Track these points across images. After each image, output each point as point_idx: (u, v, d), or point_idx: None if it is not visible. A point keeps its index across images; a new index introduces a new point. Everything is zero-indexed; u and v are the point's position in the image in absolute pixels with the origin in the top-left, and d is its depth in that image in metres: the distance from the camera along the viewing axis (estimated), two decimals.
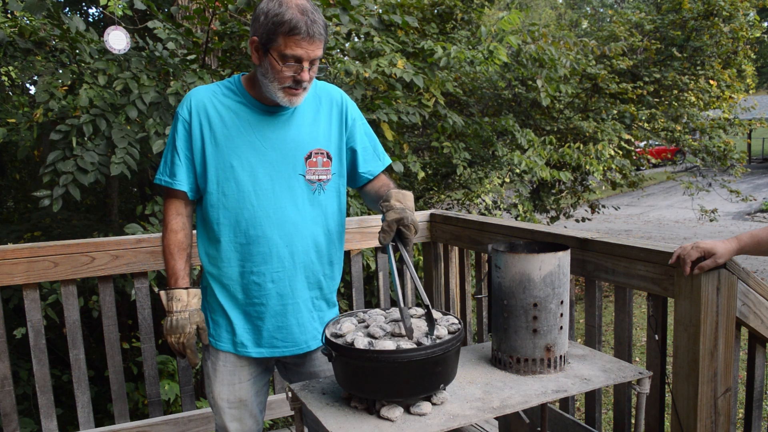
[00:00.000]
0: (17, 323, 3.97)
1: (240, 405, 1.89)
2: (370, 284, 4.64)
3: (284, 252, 1.77)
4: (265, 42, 1.63)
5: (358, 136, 1.90)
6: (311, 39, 1.61)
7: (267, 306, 1.80)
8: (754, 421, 2.11)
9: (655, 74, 7.93)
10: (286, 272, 1.79)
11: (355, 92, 4.16)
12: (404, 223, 1.61)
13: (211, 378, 1.88)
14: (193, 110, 1.75)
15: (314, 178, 1.80)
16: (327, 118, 1.84)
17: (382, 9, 4.64)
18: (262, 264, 1.77)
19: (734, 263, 1.85)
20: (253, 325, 1.83)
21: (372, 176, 1.93)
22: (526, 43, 5.34)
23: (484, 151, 5.92)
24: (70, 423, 4.26)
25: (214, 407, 1.91)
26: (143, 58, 3.78)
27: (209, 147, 1.75)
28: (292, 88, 1.67)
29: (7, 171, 6.64)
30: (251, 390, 1.90)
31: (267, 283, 1.78)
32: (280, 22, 1.59)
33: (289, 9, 1.59)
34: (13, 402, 2.42)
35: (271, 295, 1.79)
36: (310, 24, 1.60)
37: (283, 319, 1.82)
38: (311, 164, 1.79)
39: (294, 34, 1.59)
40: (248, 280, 1.78)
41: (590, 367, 1.80)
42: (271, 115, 1.77)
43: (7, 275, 2.34)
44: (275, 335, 1.83)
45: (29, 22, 3.89)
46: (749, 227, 13.11)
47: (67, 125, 3.44)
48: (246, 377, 1.88)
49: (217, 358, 1.87)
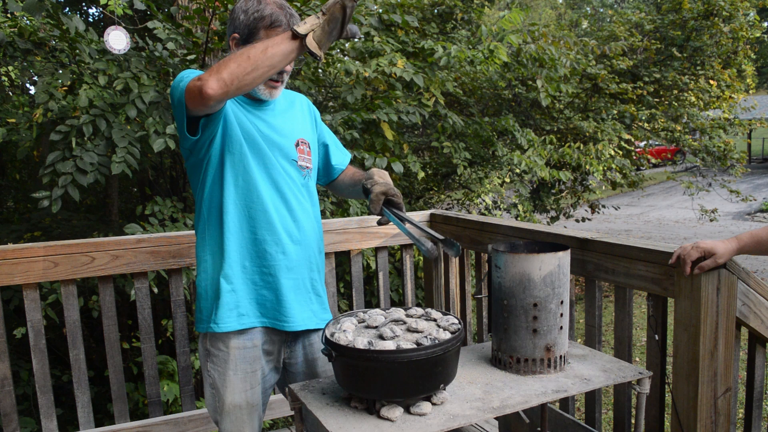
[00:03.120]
0: (17, 323, 3.97)
1: (252, 410, 1.87)
2: (370, 284, 4.64)
3: (292, 226, 1.84)
4: (247, 37, 1.72)
5: (326, 134, 2.07)
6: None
7: (276, 277, 1.82)
8: (754, 421, 2.11)
9: (655, 74, 7.93)
10: (294, 247, 1.84)
11: (355, 92, 4.16)
12: (391, 192, 1.78)
13: (221, 389, 1.84)
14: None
15: (304, 165, 1.89)
16: (300, 114, 1.97)
17: (382, 9, 4.64)
18: (275, 233, 1.81)
19: (734, 263, 1.85)
20: (258, 294, 1.83)
21: (343, 167, 2.09)
22: (526, 42, 5.34)
23: (484, 151, 5.92)
24: (70, 423, 4.26)
25: (225, 416, 1.85)
26: (143, 58, 3.78)
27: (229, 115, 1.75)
28: (272, 80, 1.77)
29: (7, 171, 6.64)
30: (260, 393, 1.89)
31: (279, 254, 1.81)
32: (261, 17, 1.70)
33: (268, 5, 1.72)
34: (13, 402, 2.42)
35: (281, 267, 1.82)
36: (289, 18, 1.72)
37: (287, 293, 1.84)
38: (300, 151, 1.89)
39: (275, 27, 1.70)
40: (261, 248, 1.80)
41: (590, 367, 1.80)
42: (255, 107, 1.84)
43: (7, 275, 2.33)
44: (278, 308, 1.84)
45: (29, 22, 3.89)
46: (749, 227, 13.11)
47: (67, 126, 3.44)
48: (257, 381, 1.87)
49: (226, 368, 1.82)
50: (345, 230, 2.91)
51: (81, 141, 3.48)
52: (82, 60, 3.82)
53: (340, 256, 3.67)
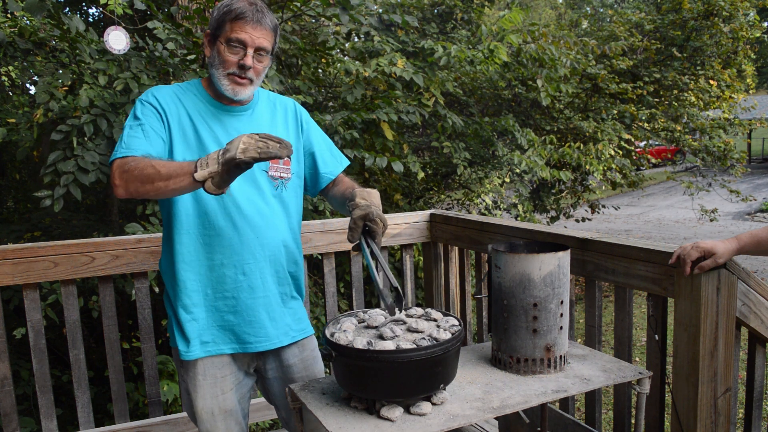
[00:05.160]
0: (17, 323, 3.96)
1: (226, 415, 1.85)
2: (370, 284, 4.64)
3: (254, 243, 1.78)
4: (214, 30, 1.72)
5: (314, 140, 1.96)
6: (256, 25, 1.69)
7: (238, 299, 1.78)
8: (754, 421, 2.11)
9: (655, 74, 7.93)
10: (257, 264, 1.79)
11: (354, 92, 4.16)
12: (370, 218, 1.65)
13: (192, 394, 1.82)
14: (162, 101, 1.75)
15: (276, 175, 1.83)
16: (283, 121, 1.91)
17: (382, 9, 4.64)
18: (233, 255, 1.76)
19: (734, 263, 1.85)
20: (224, 320, 1.80)
21: (333, 176, 1.97)
22: (526, 42, 5.34)
23: (484, 151, 5.92)
24: (70, 423, 4.26)
25: (199, 422, 1.85)
26: (143, 58, 3.78)
27: (177, 137, 1.73)
28: (236, 75, 1.71)
29: (7, 171, 6.64)
30: (235, 398, 1.87)
31: (238, 275, 1.77)
32: (229, 11, 1.70)
33: (239, 1, 1.71)
34: (13, 402, 2.42)
35: (243, 287, 1.78)
36: (255, 12, 1.70)
37: (255, 313, 1.81)
38: (273, 161, 1.81)
39: (240, 19, 1.68)
40: (219, 273, 1.76)
41: (590, 367, 1.80)
42: (230, 113, 1.81)
43: (7, 275, 2.33)
44: (247, 330, 1.80)
45: (29, 22, 3.89)
46: (749, 227, 13.11)
47: (68, 125, 3.44)
48: (229, 387, 1.84)
49: (195, 373, 1.81)
50: (345, 230, 2.91)
51: (82, 140, 3.48)
52: (82, 60, 3.82)
53: (340, 256, 3.67)
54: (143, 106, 1.73)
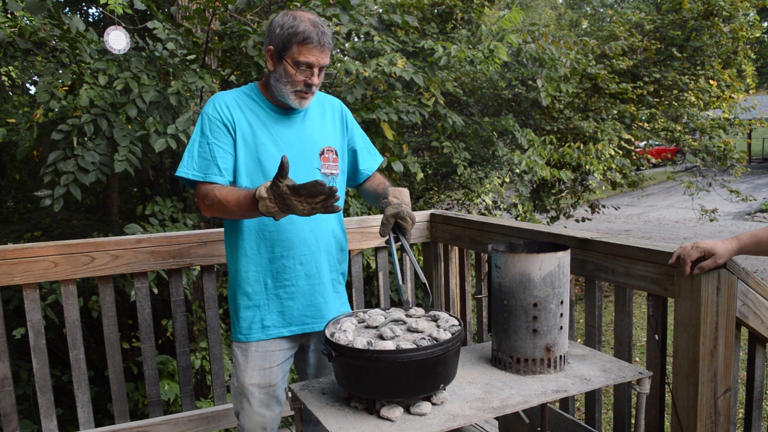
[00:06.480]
0: (17, 323, 3.97)
1: (269, 390, 2.00)
2: (370, 284, 4.65)
3: (309, 236, 1.97)
4: (281, 50, 1.84)
5: (357, 138, 2.15)
6: (321, 48, 1.84)
7: (297, 287, 1.97)
8: (754, 421, 2.11)
9: (655, 74, 7.93)
10: (312, 255, 1.98)
11: (355, 92, 4.16)
12: (401, 216, 1.82)
13: (242, 365, 1.98)
14: (224, 109, 1.91)
15: (328, 172, 2.00)
16: (331, 121, 2.07)
17: (382, 9, 4.64)
18: (291, 248, 1.95)
19: (734, 263, 1.85)
20: (284, 306, 1.98)
21: (370, 172, 2.17)
22: (526, 42, 5.34)
23: (484, 151, 5.92)
24: (70, 423, 4.27)
25: (243, 394, 1.99)
26: (143, 58, 3.78)
27: (240, 143, 1.90)
28: (303, 91, 1.88)
29: (7, 171, 6.65)
30: (280, 374, 2.02)
31: (296, 265, 1.96)
32: (295, 32, 1.81)
33: (302, 22, 1.83)
34: (13, 402, 2.42)
35: (300, 276, 1.97)
36: (320, 35, 1.83)
37: (312, 298, 2.00)
38: (324, 159, 1.99)
39: (307, 43, 1.82)
40: (278, 264, 1.95)
41: (590, 367, 1.80)
42: (286, 116, 1.97)
43: (7, 275, 2.33)
44: (305, 313, 2.00)
45: (29, 22, 3.89)
46: (749, 227, 13.11)
47: (68, 125, 3.44)
48: (277, 361, 2.00)
49: (248, 348, 1.98)
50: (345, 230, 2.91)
51: (82, 140, 3.48)
52: (82, 60, 3.82)
53: None
54: (211, 122, 1.90)
